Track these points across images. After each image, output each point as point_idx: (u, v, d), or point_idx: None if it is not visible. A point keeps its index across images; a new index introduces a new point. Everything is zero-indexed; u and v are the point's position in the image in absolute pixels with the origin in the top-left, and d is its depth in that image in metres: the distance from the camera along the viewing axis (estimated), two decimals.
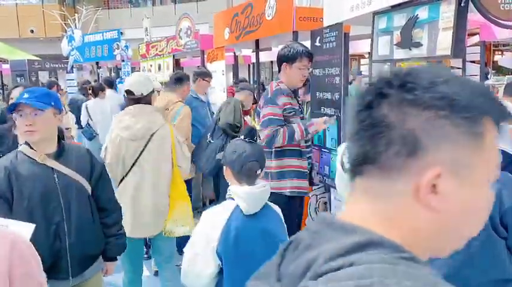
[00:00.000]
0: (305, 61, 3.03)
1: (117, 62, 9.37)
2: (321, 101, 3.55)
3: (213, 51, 5.48)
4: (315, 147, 3.69)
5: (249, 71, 11.28)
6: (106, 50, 8.83)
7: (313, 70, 3.58)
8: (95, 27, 17.98)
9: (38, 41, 21.57)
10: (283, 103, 3.00)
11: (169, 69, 6.87)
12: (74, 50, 9.89)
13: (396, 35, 2.85)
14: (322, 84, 3.51)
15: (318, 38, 3.51)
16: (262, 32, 4.42)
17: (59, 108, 1.99)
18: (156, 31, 11.76)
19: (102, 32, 9.14)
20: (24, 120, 1.84)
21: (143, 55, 7.98)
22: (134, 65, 9.49)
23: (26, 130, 1.85)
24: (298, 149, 3.09)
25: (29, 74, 11.31)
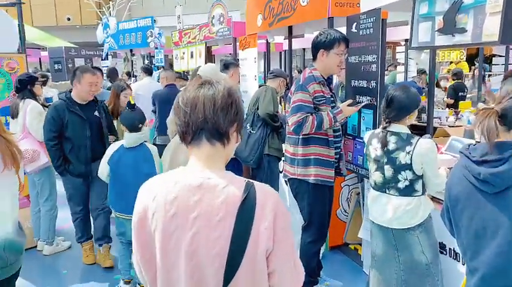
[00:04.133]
0: (342, 47, 3.00)
1: (150, 50, 9.47)
2: (356, 89, 3.46)
3: (245, 38, 5.43)
4: (349, 136, 3.62)
5: (280, 59, 11.15)
6: (140, 38, 8.93)
7: (349, 57, 3.49)
8: (128, 15, 18.25)
9: (74, 28, 22.10)
10: (314, 91, 2.97)
11: (201, 56, 6.89)
12: (108, 38, 10.06)
13: (438, 21, 2.73)
14: (357, 71, 3.41)
15: (354, 24, 3.41)
16: (296, 18, 4.33)
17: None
18: (188, 19, 11.81)
19: (136, 20, 9.24)
20: None
21: (176, 43, 8.03)
22: (167, 52, 9.57)
23: None
24: (326, 137, 3.04)
25: (66, 61, 11.60)
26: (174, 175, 1.20)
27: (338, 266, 3.81)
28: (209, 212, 1.12)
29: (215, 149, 1.20)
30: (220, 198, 1.12)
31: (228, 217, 1.11)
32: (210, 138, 1.18)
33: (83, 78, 3.59)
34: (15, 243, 1.91)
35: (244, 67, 5.32)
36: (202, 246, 1.11)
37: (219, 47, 9.21)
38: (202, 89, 1.19)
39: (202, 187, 1.14)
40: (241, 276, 1.11)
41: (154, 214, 1.16)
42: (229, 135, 1.20)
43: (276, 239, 1.13)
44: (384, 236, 2.59)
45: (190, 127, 1.18)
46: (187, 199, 1.14)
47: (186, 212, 1.13)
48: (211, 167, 1.18)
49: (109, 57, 10.77)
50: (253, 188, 1.15)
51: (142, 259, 1.21)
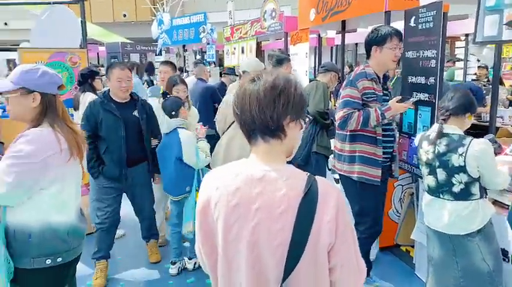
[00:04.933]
0: (395, 40, 2.92)
1: (202, 45, 9.64)
2: (413, 85, 3.34)
3: (297, 33, 5.39)
4: (404, 135, 3.50)
5: (332, 54, 10.99)
6: (192, 33, 9.11)
7: (406, 52, 3.37)
8: (181, 11, 18.65)
9: (129, 24, 22.93)
10: (363, 87, 2.91)
11: (252, 52, 6.92)
12: (162, 33, 10.34)
13: (507, 14, 2.57)
14: (415, 67, 3.29)
15: (413, 18, 3.28)
16: (350, 12, 4.24)
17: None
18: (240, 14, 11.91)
19: (189, 16, 9.43)
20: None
21: (227, 38, 8.12)
22: (218, 48, 9.70)
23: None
24: (373, 135, 2.96)
25: (122, 56, 12.10)
26: (236, 166, 1.21)
27: (388, 268, 3.71)
28: (271, 205, 1.12)
29: (271, 145, 1.18)
30: (282, 191, 1.12)
31: (290, 210, 1.11)
32: (264, 136, 1.17)
33: (111, 74, 3.37)
34: (78, 229, 2.01)
35: (295, 62, 5.29)
36: (264, 237, 1.12)
37: (268, 43, 9.22)
38: (249, 86, 1.17)
39: (264, 179, 1.15)
40: (302, 269, 1.11)
41: (217, 203, 1.18)
42: (284, 129, 1.17)
43: (338, 233, 1.12)
44: (441, 240, 2.49)
45: (244, 127, 1.19)
46: (249, 190, 1.15)
47: (247, 203, 1.14)
48: (271, 161, 1.18)
49: (162, 52, 11.08)
50: (315, 182, 1.14)
51: (204, 246, 1.24)
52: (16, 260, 1.84)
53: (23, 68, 1.93)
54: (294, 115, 1.17)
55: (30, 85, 1.89)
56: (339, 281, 1.18)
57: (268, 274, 1.13)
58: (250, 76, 1.20)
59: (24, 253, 1.85)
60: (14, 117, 1.94)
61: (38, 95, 1.90)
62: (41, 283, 1.91)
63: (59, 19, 4.64)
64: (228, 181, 1.18)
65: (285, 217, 1.11)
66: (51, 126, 1.89)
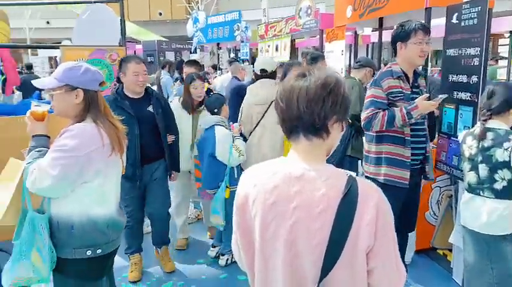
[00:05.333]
0: (420, 35, 2.76)
1: (236, 43, 9.69)
2: (454, 84, 3.23)
3: (333, 30, 5.33)
4: (443, 135, 3.39)
5: (367, 52, 10.79)
6: (227, 31, 9.18)
7: (447, 50, 3.27)
8: (216, 10, 18.81)
9: (165, 23, 23.34)
10: (388, 86, 2.80)
11: (286, 49, 6.90)
12: (197, 32, 10.47)
13: None
14: (456, 65, 3.18)
15: (455, 15, 3.17)
16: (389, 9, 4.15)
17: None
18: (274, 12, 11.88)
19: (224, 14, 9.50)
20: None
21: (262, 36, 8.12)
22: (252, 45, 9.72)
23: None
24: (401, 136, 2.83)
25: (157, 54, 12.33)
26: (274, 164, 1.21)
27: (424, 271, 3.61)
28: (309, 204, 1.12)
29: (313, 144, 1.17)
30: (321, 190, 1.11)
31: (329, 210, 1.10)
32: (306, 134, 1.15)
33: (127, 68, 3.19)
34: (117, 222, 2.07)
35: (330, 60, 5.23)
36: (302, 236, 1.12)
37: (302, 40, 9.15)
38: (296, 81, 1.15)
39: (302, 178, 1.14)
40: (339, 269, 1.10)
41: (255, 201, 1.18)
42: (328, 128, 1.15)
43: (378, 235, 1.10)
44: (476, 243, 2.40)
45: (286, 122, 1.17)
46: (287, 188, 1.14)
47: (285, 202, 1.14)
48: (311, 160, 1.17)
49: (197, 50, 11.22)
50: (355, 183, 1.12)
51: (242, 243, 1.25)
52: (59, 250, 1.92)
53: (66, 66, 1.99)
54: (339, 116, 1.15)
55: (74, 82, 1.95)
56: (377, 284, 1.16)
57: (305, 273, 1.13)
58: (297, 72, 1.19)
59: (66, 243, 1.92)
60: (58, 113, 2.01)
61: (81, 92, 1.96)
62: (81, 273, 1.98)
63: (99, 17, 4.76)
64: (265, 179, 1.18)
65: (323, 216, 1.10)
66: (94, 122, 1.95)
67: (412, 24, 2.80)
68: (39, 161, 1.86)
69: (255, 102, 3.67)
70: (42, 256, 1.87)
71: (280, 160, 1.23)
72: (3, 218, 1.92)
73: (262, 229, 1.17)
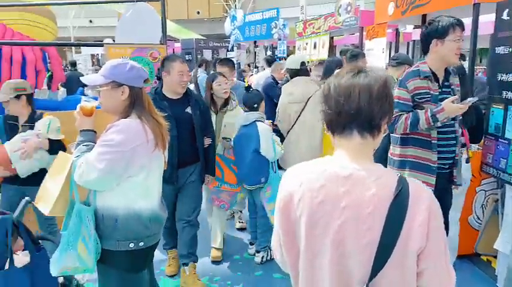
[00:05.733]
0: (458, 31, 2.60)
1: (273, 41, 9.68)
2: (502, 83, 3.09)
3: (374, 27, 5.22)
4: (491, 137, 3.26)
5: (407, 49, 10.51)
6: (264, 29, 9.19)
7: (495, 48, 3.13)
8: (253, 8, 18.86)
9: (202, 21, 23.66)
10: (414, 87, 2.66)
11: (324, 47, 6.83)
12: (235, 30, 10.54)
13: None
14: (506, 64, 3.04)
15: (506, 11, 3.04)
16: (433, 5, 4.02)
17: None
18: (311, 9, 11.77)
19: (261, 12, 9.51)
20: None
21: (300, 33, 8.08)
22: (289, 43, 9.68)
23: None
24: (428, 139, 2.69)
25: (195, 52, 12.49)
26: (321, 163, 1.20)
27: (467, 277, 3.48)
28: (358, 204, 1.10)
29: (365, 141, 1.17)
30: (371, 191, 1.10)
31: (379, 211, 1.09)
32: (361, 131, 1.15)
33: (172, 67, 3.08)
34: (159, 216, 2.11)
35: (370, 58, 5.13)
36: (351, 236, 1.11)
37: (341, 38, 9.02)
38: (357, 77, 1.15)
39: (351, 177, 1.13)
40: (389, 271, 1.08)
41: (300, 200, 1.17)
42: (381, 127, 1.16)
43: (430, 237, 1.09)
44: None
45: (342, 117, 1.15)
46: (335, 188, 1.13)
47: (333, 201, 1.13)
48: (360, 159, 1.16)
49: (234, 48, 11.29)
50: (406, 184, 1.10)
51: (285, 241, 1.24)
52: (103, 241, 1.98)
53: (112, 63, 2.05)
54: (390, 116, 1.18)
55: (120, 79, 2.00)
56: (426, 286, 1.14)
57: (352, 273, 1.11)
58: (348, 69, 1.19)
59: (110, 235, 1.97)
60: (105, 110, 2.07)
61: (126, 88, 2.01)
62: (124, 264, 2.03)
63: (141, 16, 4.88)
64: (312, 178, 1.17)
65: (373, 217, 1.09)
66: (139, 118, 1.99)
67: (449, 19, 2.63)
68: (87, 155, 1.92)
69: (291, 100, 3.68)
70: (88, 247, 1.94)
71: (327, 158, 1.21)
72: (52, 209, 2.01)
73: (308, 229, 1.16)
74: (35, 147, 3.02)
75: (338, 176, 1.14)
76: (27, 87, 3.23)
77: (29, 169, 3.08)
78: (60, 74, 5.35)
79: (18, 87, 3.15)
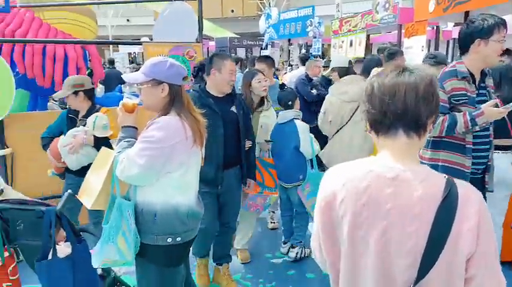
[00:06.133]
0: (503, 32, 2.46)
1: (308, 39, 9.61)
2: None
3: (413, 25, 5.09)
4: None
5: (447, 48, 10.20)
6: (299, 27, 9.13)
7: None
8: (287, 5, 18.77)
9: (236, 20, 23.75)
10: (452, 88, 2.51)
11: (361, 45, 6.71)
12: (269, 28, 10.52)
13: None
14: None
15: None
16: (478, 2, 3.87)
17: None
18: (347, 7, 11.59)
19: (297, 9, 9.45)
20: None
21: (335, 31, 7.98)
22: (324, 41, 9.58)
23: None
24: (462, 143, 2.56)
25: (229, 50, 12.56)
26: (365, 164, 1.18)
27: (508, 284, 3.34)
28: (404, 206, 1.08)
29: (411, 141, 1.14)
30: (418, 192, 1.07)
31: (426, 214, 1.05)
32: (408, 130, 1.13)
33: (224, 65, 2.95)
34: (196, 211, 2.14)
35: (408, 56, 5.00)
36: (395, 239, 1.08)
37: (377, 36, 8.85)
38: (402, 76, 1.13)
39: (397, 179, 1.10)
40: (435, 276, 1.05)
41: (344, 200, 1.15)
42: (427, 127, 1.14)
43: (480, 242, 1.05)
44: None
45: (387, 117, 1.13)
46: (380, 189, 1.11)
47: (378, 203, 1.11)
48: (406, 160, 1.13)
49: (268, 46, 11.28)
50: (455, 186, 1.07)
51: (325, 242, 1.23)
52: (142, 235, 2.02)
53: (153, 61, 2.08)
54: (436, 115, 1.15)
55: (160, 76, 2.04)
56: None
57: (397, 276, 1.09)
58: (392, 67, 1.17)
59: (149, 230, 2.01)
60: (146, 107, 2.11)
61: (166, 86, 2.04)
62: (162, 259, 2.07)
63: (178, 15, 4.95)
64: (356, 178, 1.15)
65: (420, 220, 1.05)
66: (178, 115, 2.02)
67: (494, 18, 2.49)
68: (128, 150, 1.97)
69: (346, 99, 3.60)
70: (128, 240, 1.98)
71: (371, 159, 1.19)
72: (94, 202, 2.07)
73: (351, 230, 1.14)
74: (81, 143, 3.14)
75: (384, 177, 1.11)
76: (85, 83, 3.36)
77: (77, 163, 3.21)
78: (100, 71, 5.51)
79: (76, 83, 3.29)
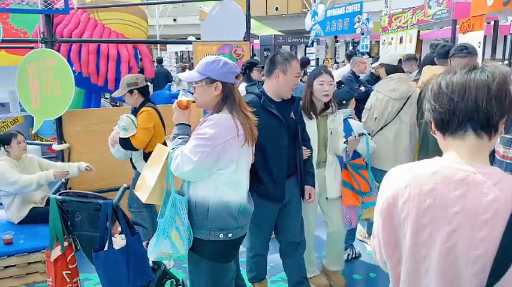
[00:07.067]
0: None
1: (354, 36, 9.43)
2: None
3: (469, 20, 4.85)
4: None
5: (505, 44, 9.66)
6: (346, 24, 8.96)
7: None
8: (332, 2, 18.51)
9: (281, 17, 23.69)
10: None
11: (412, 42, 6.50)
12: (316, 25, 10.41)
13: None
14: None
15: None
16: None
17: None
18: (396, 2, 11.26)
19: (344, 6, 9.29)
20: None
21: (385, 28, 7.77)
22: (372, 38, 9.37)
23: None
24: None
25: (274, 48, 12.57)
26: (430, 165, 1.13)
27: None
28: (474, 210, 1.02)
29: (481, 141, 1.08)
30: (489, 196, 1.01)
31: (498, 219, 1.00)
32: (478, 130, 1.07)
33: (291, 67, 2.56)
34: (247, 208, 2.15)
35: None
36: (463, 245, 1.03)
37: (428, 32, 8.53)
38: (472, 73, 1.08)
39: (466, 181, 1.05)
40: (505, 284, 0.99)
41: (406, 202, 1.12)
42: (498, 127, 1.08)
43: None
44: None
45: (456, 116, 1.08)
46: (447, 192, 1.06)
47: (444, 206, 1.06)
48: (475, 161, 1.08)
49: (314, 44, 11.18)
50: None
51: (386, 245, 1.20)
52: (195, 230, 2.06)
53: (207, 60, 2.11)
54: (508, 117, 1.09)
55: (214, 75, 2.07)
56: None
57: (464, 282, 1.04)
58: (462, 65, 1.12)
59: (202, 225, 2.05)
60: (200, 105, 2.15)
61: (219, 84, 2.07)
62: (214, 254, 2.10)
63: (227, 13, 5.00)
64: (420, 180, 1.10)
65: (491, 225, 1.00)
66: (230, 113, 2.04)
67: None
68: (182, 147, 2.01)
69: (396, 97, 3.55)
70: (181, 235, 2.03)
71: (436, 159, 1.14)
72: (149, 197, 2.13)
73: (414, 234, 1.10)
74: (114, 139, 3.41)
75: (450, 179, 1.07)
76: (138, 81, 3.49)
77: (117, 157, 3.49)
78: (150, 70, 5.67)
79: (130, 82, 3.42)
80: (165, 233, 2.03)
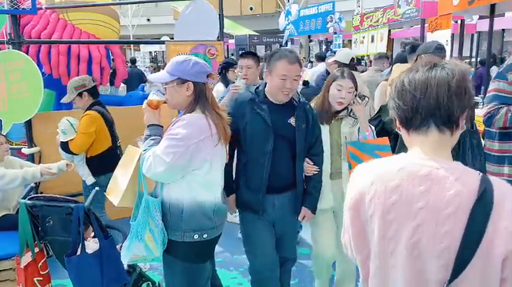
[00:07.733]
0: None
1: (327, 35, 9.54)
2: None
3: (437, 19, 4.99)
4: None
5: (471, 42, 9.95)
6: (319, 23, 9.06)
7: None
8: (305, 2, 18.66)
9: (255, 17, 23.74)
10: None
11: (382, 40, 6.63)
12: (289, 25, 10.48)
13: None
14: None
15: None
16: None
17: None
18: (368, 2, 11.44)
19: (317, 6, 9.39)
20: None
21: (356, 27, 7.90)
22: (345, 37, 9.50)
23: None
24: None
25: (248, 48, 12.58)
26: (395, 161, 1.16)
27: None
28: (437, 205, 1.05)
29: (444, 137, 1.11)
30: (451, 191, 1.04)
31: (460, 212, 1.03)
32: (440, 126, 1.11)
33: (275, 67, 2.31)
34: (221, 208, 2.15)
35: None
36: (427, 239, 1.06)
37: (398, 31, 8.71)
38: (433, 71, 1.11)
39: (430, 177, 1.08)
40: (469, 276, 1.03)
41: (372, 199, 1.14)
42: (459, 123, 1.11)
43: None
44: None
45: (419, 113, 1.11)
46: (411, 188, 1.09)
47: (409, 202, 1.09)
48: (438, 156, 1.11)
49: (288, 43, 11.24)
50: (490, 183, 1.04)
51: (355, 241, 1.22)
52: (169, 232, 2.04)
53: (177, 60, 2.10)
54: (469, 112, 1.12)
55: (184, 75, 2.05)
56: None
57: (429, 276, 1.07)
58: (423, 62, 1.15)
59: (176, 226, 2.04)
60: (172, 106, 2.14)
61: (191, 84, 2.06)
62: (188, 255, 2.09)
63: (200, 13, 4.98)
64: (385, 177, 1.13)
65: (453, 219, 1.03)
66: (203, 113, 2.04)
67: None
68: (154, 148, 1.99)
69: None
70: (155, 237, 2.01)
71: (401, 156, 1.17)
72: (121, 200, 2.10)
73: (381, 230, 1.12)
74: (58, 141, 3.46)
75: (415, 175, 1.09)
76: (86, 82, 3.42)
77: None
78: (123, 70, 5.60)
79: (78, 85, 3.36)
80: (139, 235, 2.01)
